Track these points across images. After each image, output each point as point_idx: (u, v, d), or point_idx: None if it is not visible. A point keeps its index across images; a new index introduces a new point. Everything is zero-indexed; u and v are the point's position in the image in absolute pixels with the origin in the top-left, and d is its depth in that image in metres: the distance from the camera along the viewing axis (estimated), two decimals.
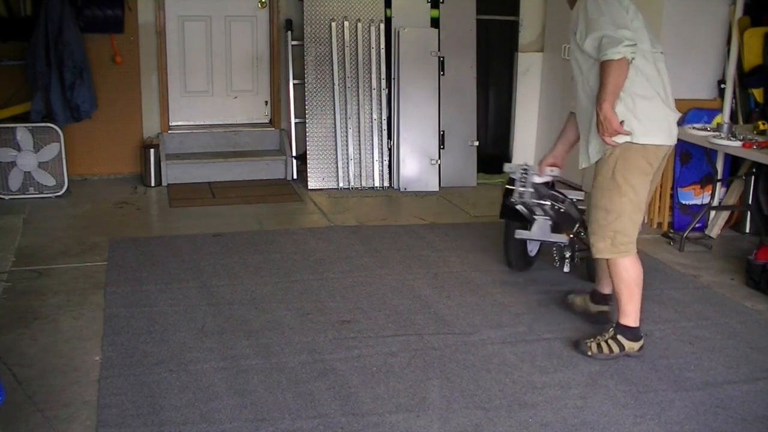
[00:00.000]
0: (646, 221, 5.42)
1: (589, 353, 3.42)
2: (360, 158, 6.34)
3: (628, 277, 3.43)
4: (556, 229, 4.10)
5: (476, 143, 6.48)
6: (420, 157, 6.32)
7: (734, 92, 5.18)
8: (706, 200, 5.29)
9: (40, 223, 5.22)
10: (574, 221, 4.14)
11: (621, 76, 3.18)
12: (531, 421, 2.95)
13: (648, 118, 3.31)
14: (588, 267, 4.20)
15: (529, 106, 6.86)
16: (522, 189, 3.89)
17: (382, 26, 6.35)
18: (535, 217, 4.05)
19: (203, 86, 6.72)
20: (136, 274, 4.30)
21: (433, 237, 5.08)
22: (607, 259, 3.46)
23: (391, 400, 3.05)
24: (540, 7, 6.73)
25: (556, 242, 4.12)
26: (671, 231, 5.26)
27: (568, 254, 4.14)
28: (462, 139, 6.41)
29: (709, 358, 3.50)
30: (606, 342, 3.42)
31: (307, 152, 6.31)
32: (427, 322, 3.78)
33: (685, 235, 5.04)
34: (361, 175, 6.34)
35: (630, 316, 3.43)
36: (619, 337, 3.42)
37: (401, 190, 6.31)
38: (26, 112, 5.82)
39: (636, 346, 3.44)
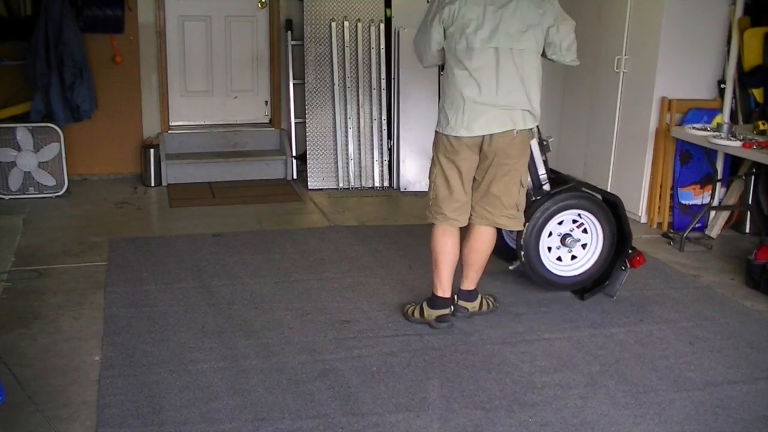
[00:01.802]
0: (645, 221, 5.44)
1: (405, 317, 3.79)
2: (360, 158, 6.35)
3: (432, 247, 3.71)
4: None
5: None
6: (420, 157, 6.32)
7: (734, 92, 5.18)
8: (706, 200, 5.29)
9: (40, 223, 5.22)
10: None
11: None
12: (531, 421, 2.95)
13: (445, 112, 3.57)
14: None
15: None
16: None
17: (382, 26, 6.35)
18: None
19: (203, 86, 6.72)
20: (136, 274, 4.30)
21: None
22: None
23: (391, 400, 3.06)
24: None
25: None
26: (671, 231, 5.26)
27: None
28: None
29: (709, 358, 3.51)
30: (416, 308, 3.78)
31: (307, 152, 6.31)
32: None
33: (685, 235, 5.04)
34: (361, 175, 6.35)
35: (434, 285, 3.73)
36: (424, 304, 3.75)
37: (401, 190, 6.31)
38: (26, 112, 5.82)
39: (433, 314, 3.71)
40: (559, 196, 3.96)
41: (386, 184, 6.38)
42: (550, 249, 4.03)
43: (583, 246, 4.08)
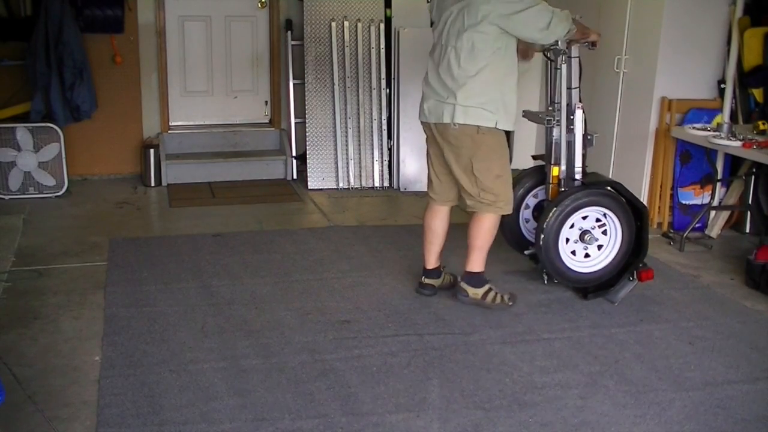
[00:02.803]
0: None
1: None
2: (360, 158, 6.35)
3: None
4: None
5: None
6: (420, 157, 6.31)
7: (734, 92, 5.18)
8: (706, 200, 5.29)
9: (40, 223, 5.22)
10: None
11: None
12: (531, 421, 2.95)
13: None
14: None
15: (529, 105, 6.84)
16: None
17: (382, 26, 6.35)
18: None
19: (203, 86, 6.72)
20: (136, 274, 4.30)
21: None
22: None
23: (391, 400, 3.06)
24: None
25: None
26: (671, 231, 5.26)
27: None
28: None
29: (709, 358, 3.50)
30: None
31: (307, 152, 6.31)
32: (427, 322, 3.78)
33: (685, 235, 5.04)
34: (361, 175, 6.35)
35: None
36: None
37: (401, 190, 6.31)
38: (26, 112, 5.82)
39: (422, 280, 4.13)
40: (592, 190, 3.99)
41: (386, 184, 6.38)
42: (567, 240, 4.02)
43: (599, 247, 4.08)
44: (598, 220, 4.06)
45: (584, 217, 4.04)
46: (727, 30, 5.16)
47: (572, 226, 4.02)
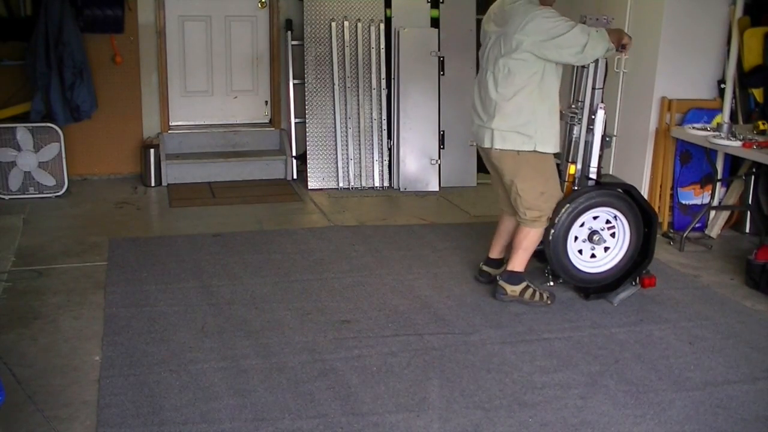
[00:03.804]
0: None
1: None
2: (360, 158, 6.35)
3: None
4: None
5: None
6: (420, 157, 6.32)
7: (734, 92, 5.18)
8: (706, 200, 5.29)
9: (40, 223, 5.22)
10: None
11: None
12: (531, 421, 2.95)
13: None
14: None
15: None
16: None
17: (382, 26, 6.35)
18: None
19: (203, 86, 6.72)
20: (136, 274, 4.30)
21: (433, 237, 5.08)
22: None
23: (391, 400, 3.06)
24: None
25: None
26: (671, 231, 5.26)
27: None
28: (462, 139, 6.40)
29: (709, 358, 3.51)
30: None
31: (307, 152, 6.31)
32: (427, 322, 3.78)
33: (685, 235, 5.04)
34: (361, 175, 6.35)
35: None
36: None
37: (401, 190, 6.31)
38: (26, 112, 5.82)
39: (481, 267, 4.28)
40: (606, 191, 3.99)
41: (386, 184, 6.37)
42: (576, 238, 4.02)
43: (606, 249, 4.07)
44: (608, 221, 4.05)
45: (595, 217, 4.03)
46: (727, 30, 5.16)
47: (582, 224, 4.01)
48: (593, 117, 3.98)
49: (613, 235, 4.07)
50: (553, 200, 3.94)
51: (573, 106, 4.11)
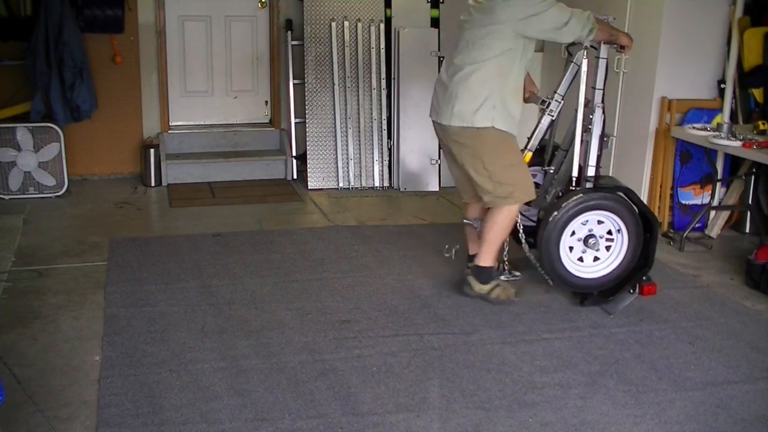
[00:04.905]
0: None
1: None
2: (360, 158, 6.35)
3: None
4: None
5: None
6: (420, 157, 6.32)
7: (734, 92, 5.17)
8: (706, 200, 5.29)
9: (40, 223, 5.22)
10: None
11: None
12: (531, 421, 2.95)
13: None
14: None
15: (529, 105, 6.83)
16: None
17: (382, 26, 6.35)
18: None
19: (203, 86, 6.72)
20: (136, 274, 4.30)
21: (433, 237, 5.08)
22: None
23: (391, 400, 3.06)
24: None
25: None
26: (671, 231, 5.26)
27: None
28: None
29: (709, 358, 3.51)
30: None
31: (307, 152, 6.31)
32: (427, 322, 3.78)
33: (685, 235, 5.04)
34: (361, 175, 6.35)
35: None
36: None
37: (401, 190, 6.31)
38: (26, 112, 5.82)
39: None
40: (603, 194, 3.87)
41: (386, 184, 6.37)
42: (573, 233, 3.88)
43: (595, 259, 3.95)
44: (609, 232, 3.93)
45: (600, 222, 3.91)
46: (727, 30, 5.16)
47: (586, 222, 3.89)
48: (591, 116, 3.94)
49: (608, 249, 3.94)
50: (523, 174, 3.83)
51: (549, 97, 4.03)
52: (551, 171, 4.19)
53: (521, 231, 4.04)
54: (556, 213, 3.82)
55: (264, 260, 4.56)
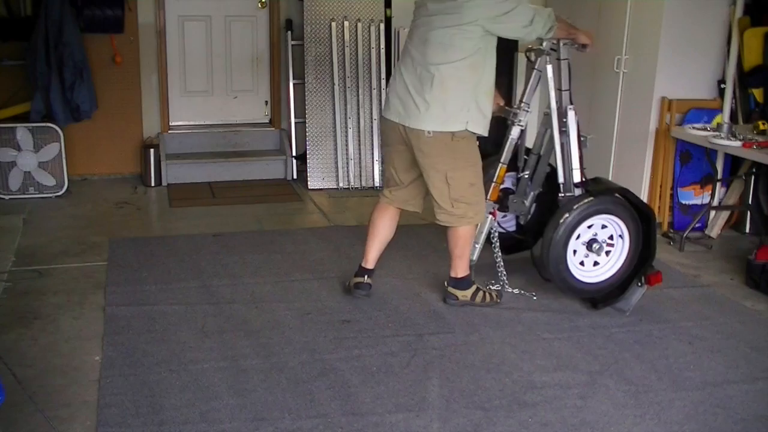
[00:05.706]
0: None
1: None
2: (360, 158, 6.35)
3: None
4: None
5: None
6: None
7: (734, 92, 5.18)
8: (706, 200, 5.29)
9: (40, 223, 5.22)
10: None
11: None
12: (531, 421, 2.95)
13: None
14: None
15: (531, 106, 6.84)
16: None
17: (382, 26, 6.35)
18: None
19: (203, 86, 6.72)
20: (136, 274, 4.30)
21: (432, 237, 5.07)
22: None
23: (391, 400, 3.06)
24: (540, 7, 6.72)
25: None
26: (671, 231, 5.26)
27: None
28: None
29: (709, 358, 3.51)
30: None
31: (307, 152, 6.31)
32: (427, 322, 3.78)
33: (685, 235, 5.04)
34: (361, 175, 6.35)
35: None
36: None
37: None
38: (26, 112, 5.82)
39: (353, 281, 4.05)
40: (623, 200, 3.87)
41: None
42: (578, 236, 3.88)
43: (594, 264, 3.96)
44: (611, 237, 3.93)
45: (604, 226, 3.91)
46: (727, 30, 5.16)
47: (591, 226, 3.89)
48: (564, 120, 3.91)
49: (607, 254, 3.95)
50: (480, 195, 3.82)
51: (515, 106, 4.03)
52: (525, 176, 4.21)
53: (495, 238, 4.13)
54: (567, 215, 3.79)
55: (264, 260, 4.56)
